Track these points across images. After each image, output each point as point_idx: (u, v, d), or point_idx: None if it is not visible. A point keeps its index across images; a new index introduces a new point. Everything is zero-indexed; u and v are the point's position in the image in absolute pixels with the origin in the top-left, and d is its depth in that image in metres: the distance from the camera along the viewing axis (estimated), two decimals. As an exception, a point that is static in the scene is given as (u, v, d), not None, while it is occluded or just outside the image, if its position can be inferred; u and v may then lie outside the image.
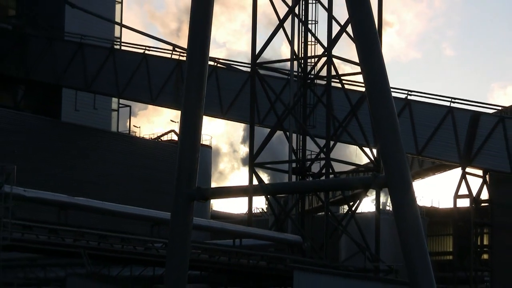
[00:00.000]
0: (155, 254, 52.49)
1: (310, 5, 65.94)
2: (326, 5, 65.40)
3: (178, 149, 25.73)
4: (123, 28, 79.86)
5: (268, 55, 67.53)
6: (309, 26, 65.72)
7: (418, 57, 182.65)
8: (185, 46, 25.92)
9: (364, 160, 68.82)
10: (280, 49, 70.35)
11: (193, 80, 25.27)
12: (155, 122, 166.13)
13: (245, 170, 66.12)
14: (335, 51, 65.08)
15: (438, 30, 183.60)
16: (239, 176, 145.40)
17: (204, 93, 25.34)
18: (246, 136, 68.58)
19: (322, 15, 65.85)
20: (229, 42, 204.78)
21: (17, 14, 76.30)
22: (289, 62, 65.77)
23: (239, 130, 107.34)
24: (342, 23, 63.35)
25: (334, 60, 64.87)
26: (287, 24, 65.20)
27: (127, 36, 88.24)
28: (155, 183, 71.09)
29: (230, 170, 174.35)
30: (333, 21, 64.97)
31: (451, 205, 67.39)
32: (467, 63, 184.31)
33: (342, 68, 65.83)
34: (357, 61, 22.71)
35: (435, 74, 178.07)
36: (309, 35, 65.65)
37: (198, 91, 25.27)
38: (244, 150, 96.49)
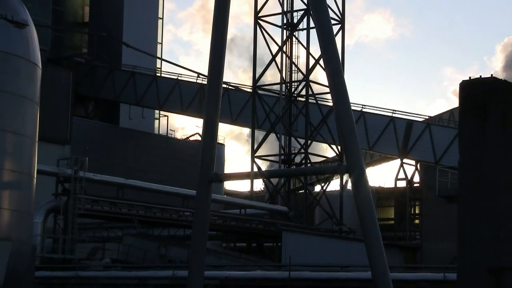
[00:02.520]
0: (185, 220, 52.60)
1: (294, 45, 66.23)
2: (305, 45, 65.78)
3: (201, 146, 25.97)
4: (163, 61, 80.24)
5: (264, 80, 67.77)
6: (293, 60, 65.99)
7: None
8: (206, 73, 26.29)
9: (332, 154, 69.11)
10: (273, 76, 70.33)
11: (211, 98, 25.61)
12: (185, 127, 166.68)
13: (248, 161, 66.34)
14: (311, 77, 65.43)
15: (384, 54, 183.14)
16: (244, 165, 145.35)
17: (219, 106, 25.64)
18: (248, 137, 69.07)
19: (302, 52, 66.17)
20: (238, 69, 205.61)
21: (88, 52, 76.17)
22: (279, 85, 66.07)
23: (244, 132, 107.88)
24: (317, 57, 63.54)
25: (311, 83, 65.12)
26: (278, 58, 65.45)
27: (166, 67, 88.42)
28: (184, 170, 71.39)
29: (237, 161, 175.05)
30: (310, 56, 65.26)
31: (393, 185, 67.64)
32: (405, 83, 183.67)
33: (316, 89, 66.05)
34: (327, 84, 23.14)
35: (382, 91, 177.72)
36: (293, 66, 65.91)
37: (215, 105, 25.56)
38: (247, 146, 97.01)
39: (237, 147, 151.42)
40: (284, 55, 65.16)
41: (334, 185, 67.60)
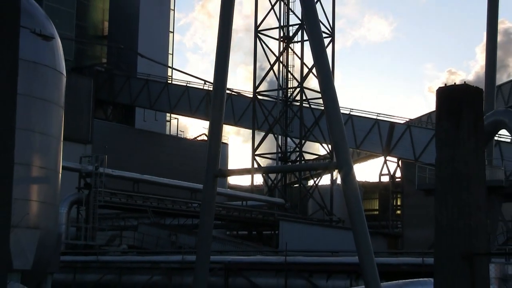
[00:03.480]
0: (193, 211, 52.77)
1: (289, 56, 66.32)
2: (300, 55, 65.84)
3: (207, 145, 26.05)
4: (173, 70, 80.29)
5: (263, 86, 67.79)
6: (289, 68, 66.08)
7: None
8: (212, 80, 26.36)
9: (323, 152, 69.17)
10: (271, 82, 70.37)
11: (217, 102, 25.68)
12: (193, 128, 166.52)
13: (249, 158, 66.38)
14: (305, 84, 65.44)
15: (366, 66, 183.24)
16: (245, 162, 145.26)
17: (224, 110, 25.72)
18: (249, 137, 69.47)
19: (297, 62, 66.23)
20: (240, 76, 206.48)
21: (108, 61, 76.20)
22: (276, 91, 66.12)
23: (246, 133, 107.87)
24: (310, 66, 63.69)
25: (305, 89, 65.19)
26: (275, 67, 65.57)
27: (176, 75, 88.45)
28: (193, 166, 71.50)
29: (240, 158, 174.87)
30: (304, 65, 65.34)
31: (377, 180, 67.68)
32: (390, 90, 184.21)
33: (310, 94, 66.08)
34: (319, 90, 23.26)
35: (367, 97, 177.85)
36: (289, 74, 65.98)
37: (220, 109, 25.62)
38: (248, 145, 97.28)
39: (239, 145, 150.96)
40: (281, 65, 65.26)
41: (325, 180, 67.67)
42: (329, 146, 62.55)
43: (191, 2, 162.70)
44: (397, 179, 63.32)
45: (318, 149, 70.34)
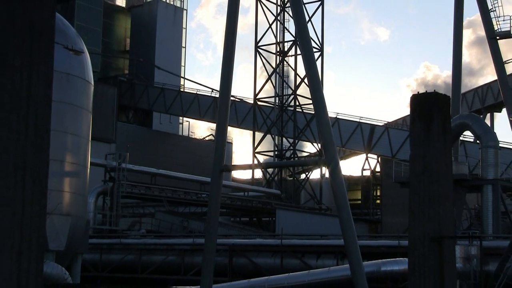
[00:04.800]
0: (202, 200, 52.47)
1: (285, 67, 66.17)
2: (293, 67, 65.75)
3: (214, 144, 25.95)
4: (185, 80, 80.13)
5: (262, 94, 67.68)
6: (284, 78, 65.98)
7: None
8: (218, 88, 26.22)
9: (314, 150, 69.03)
10: (269, 90, 70.29)
11: (222, 107, 25.61)
12: (202, 129, 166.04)
13: (250, 155, 66.30)
14: (298, 92, 65.24)
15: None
16: (247, 159, 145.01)
17: (228, 114, 25.64)
18: (250, 137, 69.54)
19: (291, 73, 65.99)
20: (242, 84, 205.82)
21: (129, 72, 75.99)
22: (274, 98, 66.04)
23: (247, 134, 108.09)
24: (302, 77, 63.57)
25: (298, 97, 65.05)
26: (273, 77, 65.40)
27: (188, 85, 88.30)
28: (202, 163, 71.39)
29: (242, 155, 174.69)
30: (297, 76, 65.22)
31: (360, 174, 67.68)
32: (371, 95, 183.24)
33: (302, 100, 65.92)
34: (310, 97, 23.21)
35: (349, 102, 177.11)
36: (284, 83, 65.85)
37: (225, 113, 25.57)
38: (249, 144, 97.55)
39: (242, 144, 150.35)
40: (277, 75, 65.19)
41: (315, 174, 67.56)
42: (319, 145, 62.44)
43: (202, 22, 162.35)
44: (376, 173, 63.21)
45: (309, 147, 70.30)
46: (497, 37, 40.03)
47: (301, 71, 62.30)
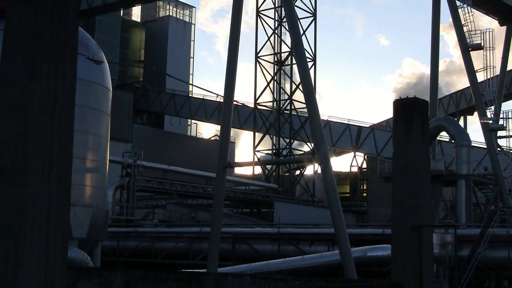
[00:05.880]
0: (208, 193, 52.54)
1: (282, 76, 66.15)
2: (289, 75, 65.72)
3: (219, 143, 26.02)
4: (193, 87, 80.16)
5: (261, 99, 67.66)
6: (281, 85, 65.90)
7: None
8: (223, 94, 26.28)
9: (307, 149, 68.97)
10: (267, 96, 70.22)
11: (226, 111, 25.69)
12: (208, 131, 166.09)
13: (251, 154, 66.34)
14: (293, 97, 65.15)
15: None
16: (248, 156, 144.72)
17: (232, 116, 25.71)
18: (250, 137, 69.24)
19: (287, 80, 65.93)
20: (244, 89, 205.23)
21: (143, 80, 76.39)
22: (272, 102, 66.02)
23: (248, 135, 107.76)
24: (297, 83, 63.52)
25: (293, 101, 65.00)
26: (271, 84, 65.36)
27: (196, 91, 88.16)
28: (208, 160, 71.36)
29: (244, 153, 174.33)
30: (292, 83, 65.22)
31: (348, 170, 67.66)
32: (358, 98, 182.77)
33: (297, 105, 65.89)
34: (304, 101, 23.27)
35: (341, 106, 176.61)
36: (281, 89, 65.83)
37: (228, 116, 25.67)
38: (250, 144, 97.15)
39: (244, 143, 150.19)
40: (275, 82, 65.19)
41: (309, 170, 67.57)
42: (312, 144, 62.42)
43: (207, 35, 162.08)
44: (363, 169, 63.15)
45: (303, 146, 70.28)
46: (469, 49, 39.98)
47: (296, 78, 62.37)
